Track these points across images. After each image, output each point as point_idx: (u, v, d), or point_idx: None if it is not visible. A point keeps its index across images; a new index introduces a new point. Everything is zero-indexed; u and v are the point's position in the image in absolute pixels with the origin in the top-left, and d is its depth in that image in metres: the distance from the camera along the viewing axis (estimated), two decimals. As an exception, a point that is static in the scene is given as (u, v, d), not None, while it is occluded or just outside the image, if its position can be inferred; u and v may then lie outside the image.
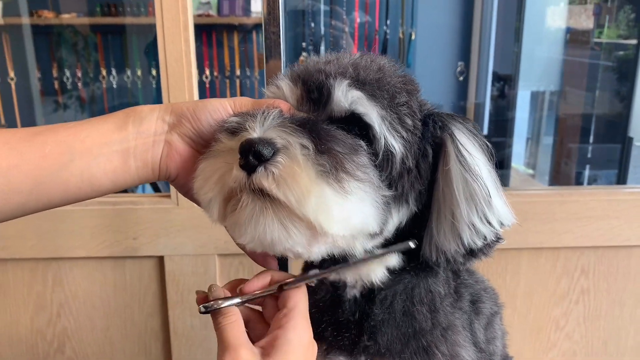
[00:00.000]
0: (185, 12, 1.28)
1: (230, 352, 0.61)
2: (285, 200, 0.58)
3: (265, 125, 0.61)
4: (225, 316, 0.65)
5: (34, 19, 3.49)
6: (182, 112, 0.70)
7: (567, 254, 1.50)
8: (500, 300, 0.92)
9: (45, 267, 1.43)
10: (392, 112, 0.66)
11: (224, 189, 0.63)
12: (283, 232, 0.60)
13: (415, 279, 0.75)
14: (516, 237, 1.44)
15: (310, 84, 0.68)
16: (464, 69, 3.55)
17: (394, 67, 0.73)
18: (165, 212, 1.38)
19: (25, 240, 1.39)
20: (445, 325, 0.76)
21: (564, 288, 1.53)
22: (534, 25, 3.21)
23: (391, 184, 0.66)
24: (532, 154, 3.49)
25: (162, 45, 1.30)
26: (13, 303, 1.46)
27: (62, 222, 1.37)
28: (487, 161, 0.69)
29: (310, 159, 0.59)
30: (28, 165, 0.64)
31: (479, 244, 0.68)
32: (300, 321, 0.66)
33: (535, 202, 1.43)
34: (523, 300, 1.53)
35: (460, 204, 0.67)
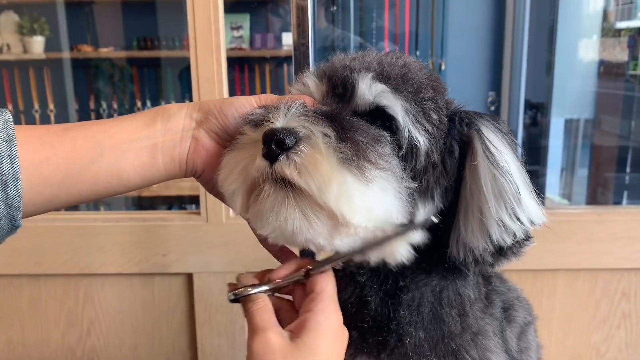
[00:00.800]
0: (218, 48, 1.31)
1: (260, 335, 0.61)
2: (307, 188, 0.58)
3: (289, 116, 0.61)
4: (254, 302, 0.65)
5: (74, 53, 3.62)
6: (209, 108, 0.72)
7: (606, 276, 1.44)
8: (534, 311, 0.89)
9: (77, 283, 1.45)
10: (417, 105, 0.66)
11: (247, 179, 0.64)
12: (304, 222, 0.60)
13: (444, 281, 0.73)
14: (552, 258, 1.40)
15: (335, 79, 0.68)
16: (495, 99, 3.53)
17: (420, 65, 0.73)
18: (194, 229, 1.39)
19: (59, 256, 1.40)
20: (476, 329, 0.73)
21: (604, 312, 1.47)
22: (566, 57, 3.19)
23: (415, 177, 0.66)
24: (567, 184, 3.42)
25: (195, 79, 1.33)
26: (45, 319, 1.47)
27: (93, 238, 1.39)
28: (516, 158, 0.68)
29: (332, 147, 0.59)
30: (59, 159, 0.66)
31: (509, 241, 0.66)
32: (329, 304, 0.65)
33: (571, 222, 1.39)
34: (560, 324, 1.47)
35: (489, 200, 0.65)
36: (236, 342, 1.46)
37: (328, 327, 0.63)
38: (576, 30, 3.23)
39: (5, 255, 1.40)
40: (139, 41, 3.62)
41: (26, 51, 3.60)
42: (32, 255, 1.40)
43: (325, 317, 0.64)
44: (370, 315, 0.73)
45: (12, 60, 3.62)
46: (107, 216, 1.42)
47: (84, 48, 3.62)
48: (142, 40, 3.61)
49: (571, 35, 3.23)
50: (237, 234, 1.37)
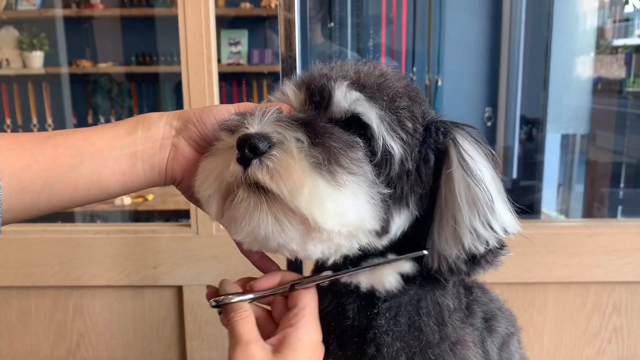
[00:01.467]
0: (210, 60, 1.32)
1: (242, 347, 0.62)
2: (279, 192, 0.59)
3: (263, 122, 0.62)
4: (237, 312, 0.66)
5: (73, 68, 3.64)
6: (188, 117, 0.72)
7: (597, 290, 1.44)
8: (518, 322, 0.89)
9: (67, 295, 1.44)
10: (392, 113, 0.67)
11: (223, 184, 0.64)
12: (277, 227, 0.61)
13: (422, 290, 0.73)
14: (542, 271, 1.40)
15: (313, 87, 0.69)
16: (492, 115, 3.54)
17: (398, 75, 0.73)
18: (185, 241, 1.39)
19: (49, 268, 1.40)
20: (455, 339, 0.73)
21: (595, 326, 1.46)
22: (561, 73, 3.21)
23: (390, 184, 0.66)
24: (564, 200, 3.42)
25: (186, 91, 1.34)
26: (34, 331, 1.46)
27: (83, 250, 1.39)
28: (491, 167, 0.69)
29: (304, 152, 0.60)
30: (39, 166, 0.67)
31: (481, 249, 0.67)
32: (310, 321, 0.67)
33: (562, 235, 1.39)
34: (551, 337, 1.46)
35: (462, 209, 0.66)
36: (226, 355, 1.44)
37: (308, 344, 0.65)
38: (571, 47, 3.26)
39: (-5, 266, 1.40)
40: (137, 56, 3.64)
41: (25, 66, 3.63)
42: (21, 267, 1.40)
43: (305, 334, 0.65)
44: (348, 324, 0.73)
45: (12, 75, 3.64)
46: (97, 228, 1.42)
47: (83, 63, 3.64)
48: (141, 55, 3.64)
49: (566, 52, 3.26)
50: (227, 246, 1.37)
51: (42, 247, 1.39)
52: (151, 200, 3.03)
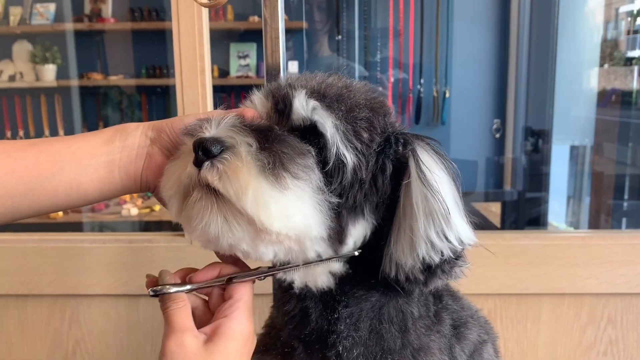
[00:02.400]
0: (203, 72, 1.34)
1: (176, 336, 0.64)
2: (226, 193, 0.62)
3: (220, 127, 0.65)
4: (174, 301, 0.67)
5: (84, 81, 3.70)
6: (161, 126, 0.76)
7: (591, 301, 1.43)
8: (493, 331, 0.89)
9: (63, 303, 1.46)
10: (348, 123, 0.69)
11: (181, 186, 0.67)
12: (225, 227, 0.63)
13: (384, 298, 0.75)
14: (535, 282, 1.39)
15: (277, 96, 0.72)
16: (500, 126, 3.53)
17: (365, 88, 0.75)
18: (179, 250, 1.41)
19: (45, 276, 1.43)
20: (417, 346, 0.74)
21: (590, 338, 1.45)
22: (567, 85, 3.21)
23: (342, 193, 0.68)
24: (574, 212, 3.39)
25: (180, 102, 1.37)
26: (31, 339, 1.48)
27: (80, 259, 1.41)
28: (450, 180, 0.70)
29: (252, 156, 0.62)
30: (22, 172, 0.71)
31: (436, 259, 0.68)
32: (244, 312, 0.68)
33: (554, 245, 1.39)
34: (546, 350, 1.45)
35: (418, 219, 0.67)
36: None
37: (240, 334, 0.67)
38: (577, 59, 3.25)
39: (-7, 274, 1.42)
40: (147, 69, 3.70)
41: (38, 79, 3.70)
42: (19, 275, 1.42)
43: (238, 324, 0.67)
44: (312, 328, 0.75)
45: (25, 87, 3.72)
46: (93, 237, 1.44)
47: (94, 76, 3.71)
48: (151, 68, 3.69)
49: (572, 64, 3.25)
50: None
51: (38, 255, 1.42)
52: (158, 211, 3.06)
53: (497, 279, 1.40)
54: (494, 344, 0.88)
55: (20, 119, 3.78)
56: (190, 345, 0.64)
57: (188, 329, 0.65)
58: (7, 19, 3.71)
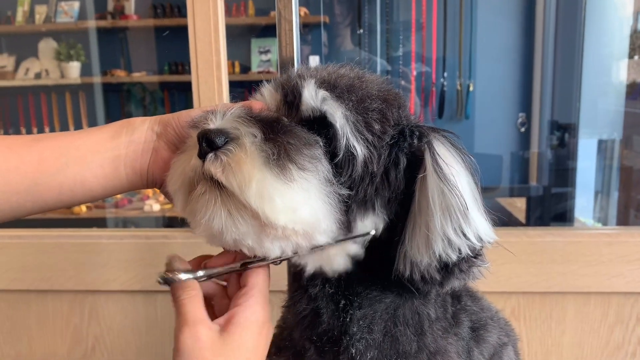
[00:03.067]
0: (219, 67, 1.33)
1: (190, 328, 0.62)
2: (229, 185, 0.60)
3: (225, 118, 0.63)
4: (185, 290, 0.65)
5: (108, 78, 3.74)
6: (167, 121, 0.74)
7: (619, 300, 1.38)
8: (514, 332, 0.86)
9: (82, 299, 1.47)
10: (358, 114, 0.66)
11: (186, 179, 0.65)
12: (229, 221, 0.61)
13: (399, 299, 0.72)
14: (560, 280, 1.35)
15: (287, 88, 0.70)
16: (525, 120, 3.47)
17: (379, 80, 0.73)
18: (196, 246, 1.40)
19: (65, 272, 1.43)
20: (434, 349, 0.71)
21: (618, 338, 1.41)
22: (594, 78, 3.13)
23: (352, 186, 0.65)
24: (602, 207, 3.31)
25: (196, 98, 1.36)
26: (52, 335, 1.49)
27: (97, 255, 1.41)
28: (468, 174, 0.67)
29: (257, 147, 0.60)
30: (26, 168, 0.70)
31: (454, 257, 0.65)
32: (257, 300, 0.66)
33: (579, 242, 1.35)
34: (571, 350, 1.41)
35: (435, 215, 0.64)
36: None
37: (255, 322, 0.65)
38: (605, 51, 3.17)
39: (14, 270, 1.43)
40: (170, 66, 3.71)
41: (63, 76, 3.74)
42: (39, 271, 1.43)
43: (252, 313, 0.65)
44: (323, 329, 0.72)
45: (50, 85, 3.76)
46: (110, 233, 1.45)
47: (118, 73, 3.74)
48: (174, 64, 3.71)
49: (600, 56, 3.17)
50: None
51: (58, 251, 1.42)
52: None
53: (520, 277, 1.36)
54: (515, 346, 0.85)
55: (46, 116, 3.83)
56: (205, 337, 0.62)
57: (201, 320, 0.63)
58: (32, 18, 3.76)
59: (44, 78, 3.78)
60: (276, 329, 0.85)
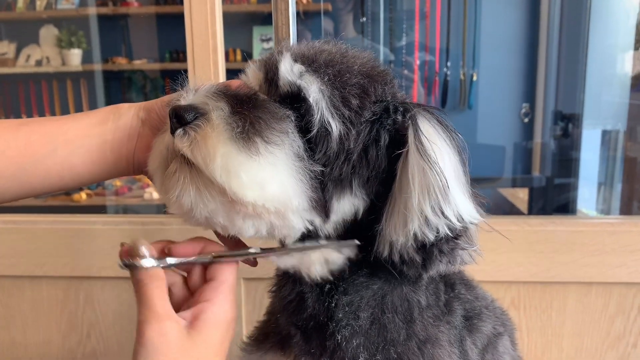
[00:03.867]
0: (215, 51, 1.30)
1: (157, 324, 0.59)
2: (195, 160, 0.58)
3: (196, 95, 0.61)
4: (151, 279, 0.62)
5: (109, 65, 3.72)
6: (151, 106, 0.73)
7: (621, 291, 1.36)
8: (511, 322, 0.83)
9: (77, 286, 1.45)
10: (335, 89, 0.64)
11: (162, 158, 0.64)
12: (198, 198, 0.59)
13: (388, 285, 0.70)
14: (561, 269, 1.33)
15: (268, 65, 0.68)
16: (529, 111, 3.44)
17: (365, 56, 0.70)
18: (192, 233, 1.37)
19: (59, 258, 1.42)
20: (424, 337, 0.69)
21: (619, 329, 1.39)
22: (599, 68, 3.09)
23: (327, 163, 0.63)
24: (605, 199, 3.28)
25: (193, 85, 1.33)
26: (46, 321, 1.48)
27: (93, 241, 1.40)
28: (454, 152, 0.64)
29: (223, 121, 0.59)
30: (12, 152, 0.69)
31: (431, 237, 0.62)
32: (227, 296, 0.64)
33: (581, 232, 1.32)
34: (571, 340, 1.39)
35: (413, 192, 0.62)
36: (232, 348, 1.43)
37: (223, 320, 0.63)
38: (610, 42, 3.14)
39: (8, 256, 1.42)
40: (171, 53, 3.69)
41: (64, 63, 3.73)
42: (33, 257, 1.42)
43: (221, 309, 0.63)
44: (309, 314, 0.71)
45: (51, 72, 3.74)
46: (106, 219, 1.43)
47: (119, 60, 3.71)
48: (175, 52, 3.68)
49: (605, 47, 3.14)
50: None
51: (52, 237, 1.41)
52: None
53: (521, 266, 1.34)
54: (512, 336, 0.83)
55: (47, 104, 3.82)
56: (172, 333, 0.59)
57: (168, 315, 0.60)
58: (33, 4, 3.74)
59: (45, 65, 3.76)
60: (265, 316, 0.84)
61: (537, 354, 1.39)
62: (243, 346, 0.82)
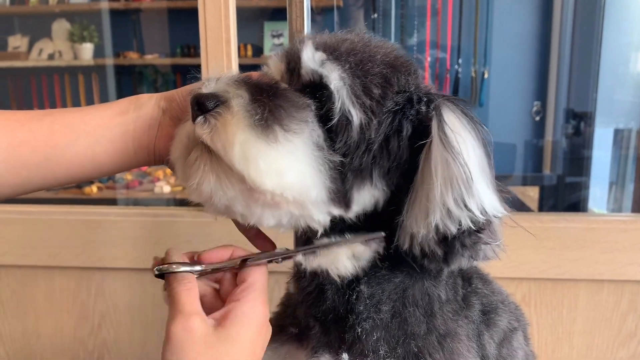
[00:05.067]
0: (228, 42, 1.30)
1: (183, 319, 0.59)
2: (214, 147, 0.59)
3: (218, 83, 0.61)
4: (180, 282, 0.62)
5: (120, 60, 3.73)
6: (172, 96, 0.74)
7: (633, 289, 1.35)
8: (524, 317, 0.83)
9: (89, 276, 1.47)
10: (356, 77, 0.63)
11: (184, 146, 0.64)
12: (217, 185, 0.60)
13: (409, 279, 0.69)
14: (572, 266, 1.33)
15: (289, 55, 0.68)
16: (540, 109, 3.42)
17: (388, 46, 0.70)
18: (204, 225, 1.39)
19: (72, 249, 1.43)
20: (444, 331, 0.69)
21: (630, 327, 1.38)
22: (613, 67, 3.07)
23: (347, 153, 0.63)
24: (616, 198, 3.26)
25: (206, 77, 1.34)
26: (58, 311, 1.49)
27: (105, 232, 1.41)
28: (479, 144, 0.64)
29: (243, 109, 0.59)
30: (37, 142, 0.69)
31: (453, 229, 0.61)
32: (258, 296, 0.63)
33: (593, 229, 1.32)
34: (582, 338, 1.39)
35: (435, 183, 0.61)
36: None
37: (253, 320, 0.62)
38: (624, 40, 3.11)
39: (21, 246, 1.43)
40: (182, 48, 3.70)
41: (76, 57, 3.74)
42: (47, 247, 1.43)
43: (251, 308, 0.62)
44: (328, 306, 0.71)
45: (63, 66, 3.76)
46: (119, 211, 1.44)
47: (130, 55, 3.73)
48: (186, 47, 3.70)
49: (619, 46, 3.12)
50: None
51: (66, 228, 1.42)
52: (191, 189, 3.06)
53: (531, 263, 1.34)
54: (525, 331, 0.83)
55: (59, 97, 3.84)
56: (198, 329, 0.59)
57: (195, 312, 0.60)
58: (46, -2, 3.76)
59: (57, 59, 3.78)
60: (279, 307, 0.84)
61: (548, 351, 1.39)
62: None
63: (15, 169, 0.69)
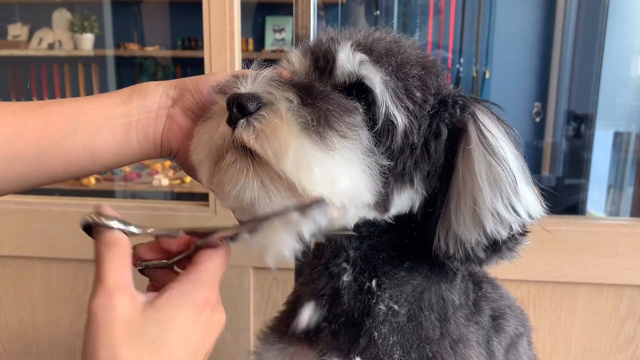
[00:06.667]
0: (232, 37, 1.30)
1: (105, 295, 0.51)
2: (263, 153, 0.55)
3: (256, 82, 0.58)
4: (107, 244, 0.55)
5: (121, 51, 3.71)
6: (185, 85, 0.69)
7: (632, 293, 1.35)
8: (529, 322, 0.83)
9: (87, 268, 1.46)
10: (398, 80, 0.62)
11: (213, 148, 0.61)
12: (262, 193, 0.56)
13: (427, 282, 0.69)
14: (572, 270, 1.32)
15: (318, 52, 0.65)
16: (540, 110, 3.42)
17: (415, 45, 0.68)
18: (202, 220, 1.38)
19: (70, 241, 1.42)
20: (456, 337, 0.68)
21: (628, 332, 1.38)
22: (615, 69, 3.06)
23: (391, 157, 0.62)
24: (614, 202, 3.26)
25: (208, 71, 1.33)
26: (55, 303, 1.48)
27: (104, 225, 1.39)
28: (513, 146, 0.63)
29: (293, 113, 0.56)
30: (31, 134, 0.65)
31: (504, 234, 0.61)
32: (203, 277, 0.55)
33: (593, 233, 1.31)
34: (580, 342, 1.39)
35: (483, 189, 0.60)
36: (240, 338, 1.43)
37: (190, 300, 0.53)
38: (627, 43, 3.11)
39: (19, 236, 1.42)
40: (183, 41, 3.68)
41: (76, 48, 3.71)
42: (44, 239, 1.42)
43: (191, 289, 0.54)
44: (343, 310, 0.69)
45: (63, 56, 3.73)
46: (118, 204, 1.43)
47: (131, 46, 3.71)
48: (187, 40, 3.68)
49: (621, 48, 3.11)
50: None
51: (64, 219, 1.41)
52: (188, 183, 3.05)
53: (531, 265, 1.33)
54: (529, 336, 0.82)
55: (58, 87, 3.81)
56: (121, 309, 0.50)
57: (120, 287, 0.51)
58: (47, -13, 3.74)
59: (57, 49, 3.75)
60: (285, 306, 0.83)
61: (545, 354, 1.39)
62: (262, 336, 0.80)
63: (9, 162, 0.65)
